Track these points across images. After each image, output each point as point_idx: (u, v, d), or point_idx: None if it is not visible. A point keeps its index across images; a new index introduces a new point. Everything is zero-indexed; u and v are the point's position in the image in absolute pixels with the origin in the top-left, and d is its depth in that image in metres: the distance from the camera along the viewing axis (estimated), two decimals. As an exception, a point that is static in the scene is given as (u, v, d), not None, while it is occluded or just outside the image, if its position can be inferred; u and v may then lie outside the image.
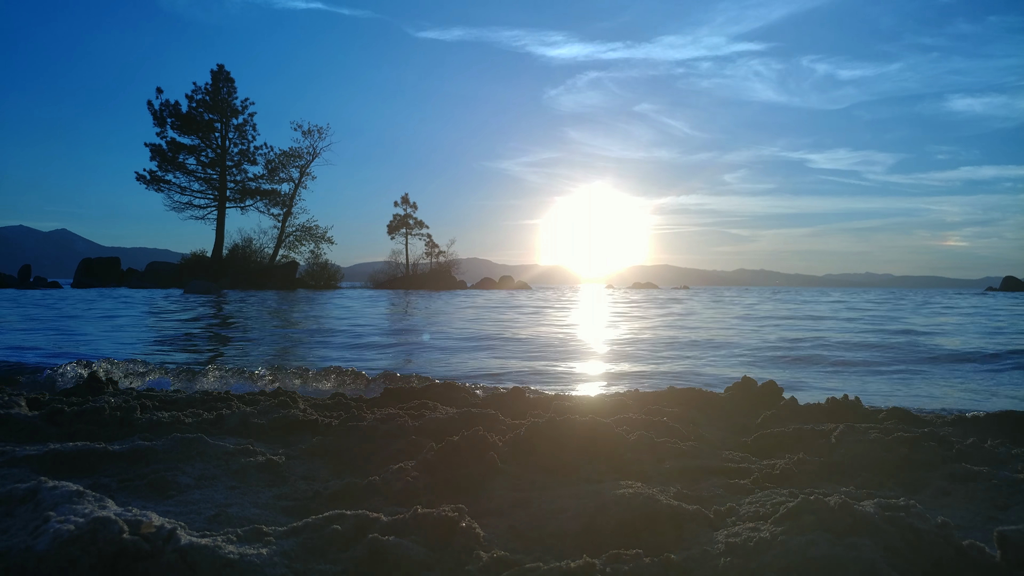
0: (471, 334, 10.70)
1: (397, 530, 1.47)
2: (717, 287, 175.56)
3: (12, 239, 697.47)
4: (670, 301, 31.06)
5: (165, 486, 1.92)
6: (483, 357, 7.62)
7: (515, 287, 62.10)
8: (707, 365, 7.07)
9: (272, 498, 1.93)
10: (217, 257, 47.33)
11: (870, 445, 2.43)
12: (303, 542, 1.43)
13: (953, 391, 5.51)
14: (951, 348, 8.76)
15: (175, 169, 47.09)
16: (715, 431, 3.09)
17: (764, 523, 1.54)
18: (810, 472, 2.27)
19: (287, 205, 49.44)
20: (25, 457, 2.12)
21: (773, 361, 7.49)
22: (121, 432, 2.70)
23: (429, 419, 2.76)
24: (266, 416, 2.96)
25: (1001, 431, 2.90)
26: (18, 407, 3.05)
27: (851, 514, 1.41)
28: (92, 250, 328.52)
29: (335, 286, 48.60)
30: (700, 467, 2.30)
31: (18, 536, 1.17)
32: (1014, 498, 1.95)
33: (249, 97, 47.84)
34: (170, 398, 3.56)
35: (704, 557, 1.42)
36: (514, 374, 6.26)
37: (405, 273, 57.26)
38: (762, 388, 3.75)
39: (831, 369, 6.89)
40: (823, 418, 3.28)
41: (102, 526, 1.18)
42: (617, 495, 1.74)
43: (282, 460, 2.26)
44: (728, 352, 8.39)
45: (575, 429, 2.37)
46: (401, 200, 58.96)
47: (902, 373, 6.52)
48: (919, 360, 7.51)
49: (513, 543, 1.61)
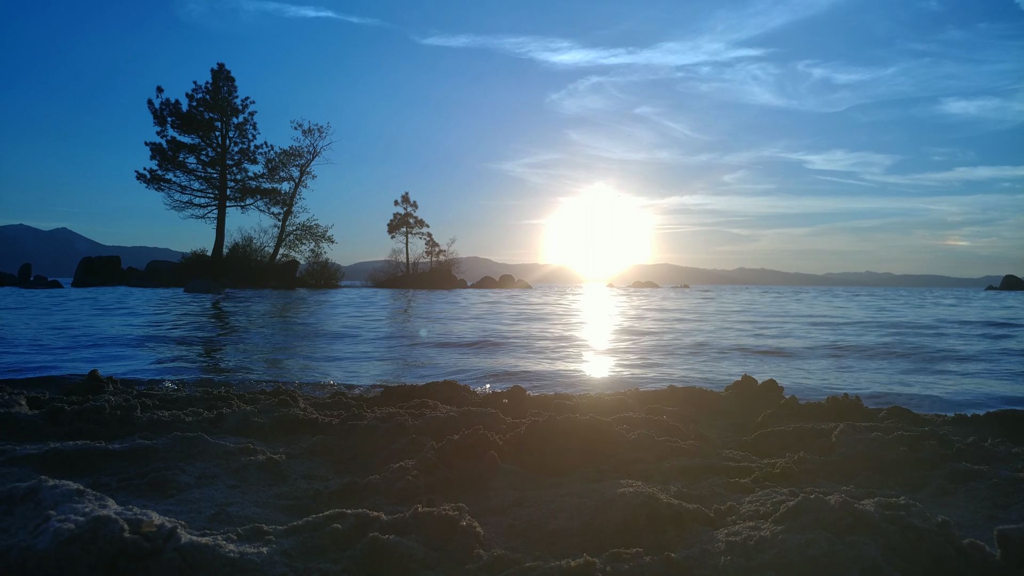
0: (471, 333, 10.70)
1: (397, 529, 1.47)
2: (717, 286, 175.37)
3: (12, 238, 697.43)
4: (670, 300, 31.06)
5: (165, 485, 1.92)
6: (483, 356, 7.62)
7: (516, 286, 62.11)
8: (707, 364, 7.07)
9: (272, 497, 1.93)
10: (217, 256, 47.31)
11: (870, 444, 2.43)
12: (303, 541, 1.43)
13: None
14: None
15: (175, 168, 47.05)
16: (715, 430, 3.09)
17: (764, 522, 1.54)
18: (810, 471, 2.27)
19: (287, 204, 49.44)
20: (25, 456, 2.12)
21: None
22: (121, 431, 2.70)
23: (429, 418, 2.77)
24: (266, 415, 2.96)
25: (1001, 430, 2.90)
26: (18, 406, 3.05)
27: (851, 513, 1.41)
28: (92, 249, 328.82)
29: (335, 285, 48.60)
30: (700, 466, 2.30)
31: (19, 535, 1.17)
32: (1014, 497, 1.95)
33: (250, 96, 47.77)
34: (170, 397, 3.56)
35: (704, 556, 1.42)
36: (514, 373, 6.26)
37: (405, 272, 57.27)
38: (762, 387, 3.75)
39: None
40: (823, 417, 3.28)
41: (102, 525, 1.18)
42: (617, 494, 1.74)
43: (282, 459, 2.26)
44: (728, 351, 8.40)
45: (575, 428, 2.37)
46: (401, 199, 58.97)
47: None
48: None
49: (513, 542, 1.61)
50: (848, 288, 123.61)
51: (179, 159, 46.99)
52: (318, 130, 49.31)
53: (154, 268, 48.21)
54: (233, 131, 48.13)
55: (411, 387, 3.95)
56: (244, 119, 48.14)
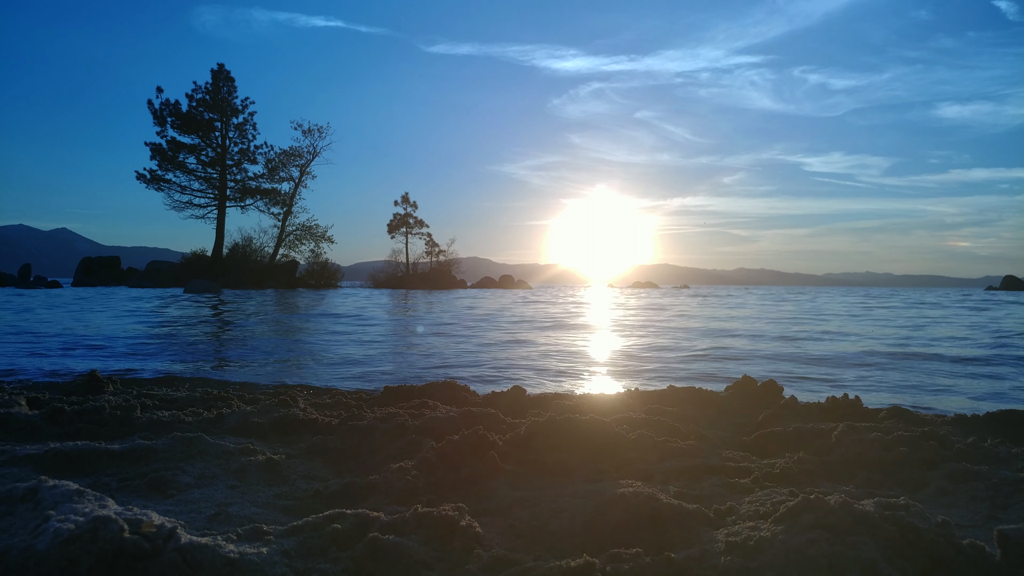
0: (470, 333, 10.70)
1: (397, 529, 1.47)
2: (717, 286, 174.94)
3: (12, 238, 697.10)
4: (670, 299, 31.05)
5: (165, 485, 1.92)
6: (483, 356, 7.62)
7: (515, 287, 62.13)
8: (707, 364, 7.07)
9: (272, 497, 1.93)
10: (217, 256, 47.30)
11: (870, 444, 2.43)
12: (303, 541, 1.43)
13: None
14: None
15: (175, 168, 47.05)
16: (715, 430, 3.09)
17: (764, 522, 1.54)
18: (810, 471, 2.27)
19: (287, 204, 49.44)
20: (25, 456, 2.12)
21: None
22: (121, 431, 2.70)
23: (429, 418, 2.76)
24: (266, 415, 2.96)
25: (1001, 430, 2.90)
26: (18, 406, 3.05)
27: (851, 513, 1.41)
28: (92, 249, 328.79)
29: (335, 285, 48.61)
30: (700, 466, 2.30)
31: (19, 535, 1.17)
32: (1014, 497, 1.95)
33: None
34: (170, 397, 3.56)
35: (704, 556, 1.42)
36: (514, 373, 6.26)
37: (405, 272, 57.28)
38: (762, 387, 3.75)
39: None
40: (823, 417, 3.28)
41: (102, 525, 1.18)
42: (617, 494, 1.74)
43: (282, 459, 2.26)
44: (728, 351, 8.40)
45: (575, 428, 2.37)
46: (401, 199, 58.97)
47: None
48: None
49: (513, 542, 1.61)
50: (850, 288, 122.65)
51: (179, 159, 46.99)
52: (318, 130, 49.34)
53: (154, 268, 48.21)
54: (233, 131, 48.15)
55: (411, 387, 3.95)
56: (244, 119, 48.16)
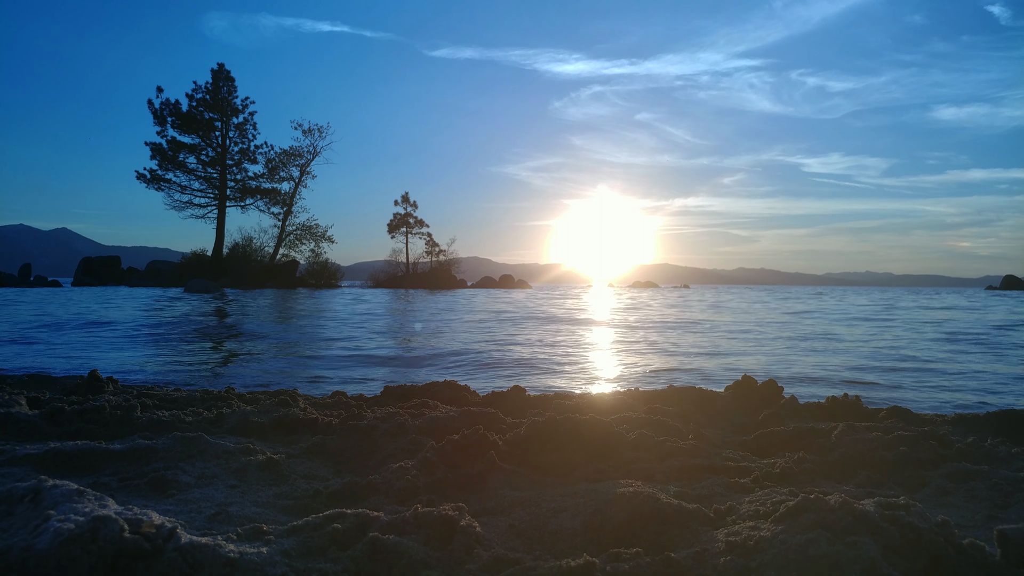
0: (471, 333, 10.70)
1: (397, 529, 1.47)
2: (716, 285, 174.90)
3: (12, 238, 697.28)
4: (670, 300, 31.05)
5: (165, 485, 1.92)
6: (483, 356, 7.62)
7: (516, 286, 62.14)
8: (707, 364, 7.07)
9: (272, 497, 1.93)
10: (217, 256, 47.30)
11: (870, 444, 2.43)
12: (303, 541, 1.43)
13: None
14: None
15: (175, 168, 47.04)
16: (715, 430, 3.09)
17: (764, 522, 1.54)
18: (810, 471, 2.27)
19: (287, 204, 49.43)
20: (25, 456, 2.12)
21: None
22: (121, 431, 2.70)
23: (429, 418, 2.76)
24: (266, 415, 2.96)
25: (1001, 430, 2.90)
26: (18, 406, 3.05)
27: (851, 513, 1.41)
28: (92, 249, 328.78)
29: (335, 285, 48.62)
30: (700, 466, 2.30)
31: (19, 535, 1.17)
32: (1014, 497, 1.95)
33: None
34: (170, 397, 3.56)
35: (704, 556, 1.42)
36: (514, 373, 6.26)
37: (405, 272, 57.28)
38: (762, 387, 3.74)
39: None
40: (823, 417, 3.28)
41: (103, 525, 1.18)
42: (617, 494, 1.74)
43: (282, 459, 2.26)
44: (732, 350, 8.40)
45: (575, 428, 2.37)
46: (401, 199, 58.96)
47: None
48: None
49: (513, 542, 1.61)
50: (852, 288, 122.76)
51: (179, 159, 46.97)
52: (318, 130, 49.32)
53: (154, 268, 48.21)
54: (233, 131, 48.14)
55: (411, 387, 3.95)
56: (244, 119, 48.15)
